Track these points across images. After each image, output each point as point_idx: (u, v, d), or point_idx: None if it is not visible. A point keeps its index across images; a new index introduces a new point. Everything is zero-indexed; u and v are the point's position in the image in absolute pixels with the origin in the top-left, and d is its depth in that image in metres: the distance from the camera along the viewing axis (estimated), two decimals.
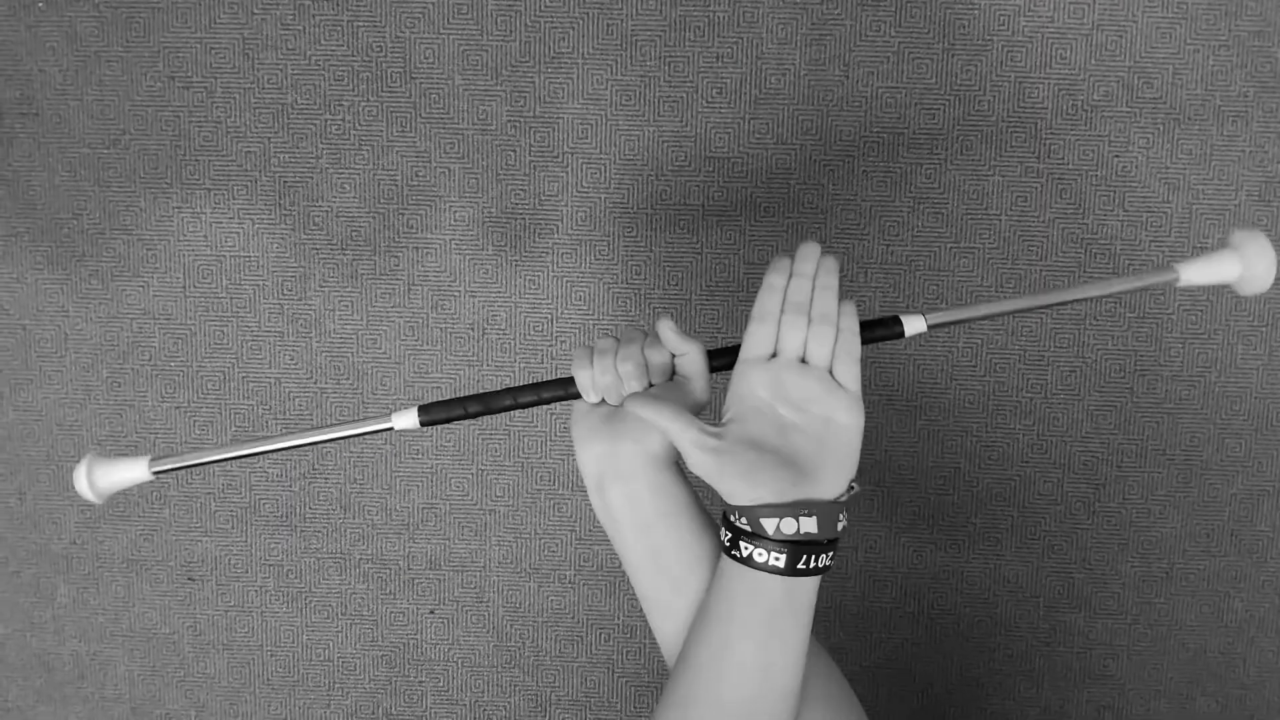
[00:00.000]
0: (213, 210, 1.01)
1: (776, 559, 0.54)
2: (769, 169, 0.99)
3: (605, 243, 1.01)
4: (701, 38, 0.97)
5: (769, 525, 0.55)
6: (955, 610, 1.06)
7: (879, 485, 1.05)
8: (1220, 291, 1.00)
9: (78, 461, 0.68)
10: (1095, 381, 1.02)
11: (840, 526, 0.57)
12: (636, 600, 1.08)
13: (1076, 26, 0.96)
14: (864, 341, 0.61)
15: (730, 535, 0.57)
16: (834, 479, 0.57)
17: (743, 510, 0.56)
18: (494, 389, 0.66)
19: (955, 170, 0.99)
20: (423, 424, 0.63)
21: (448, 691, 1.10)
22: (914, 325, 0.62)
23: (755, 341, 0.59)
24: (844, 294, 0.63)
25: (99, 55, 0.99)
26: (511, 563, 1.07)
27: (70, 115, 1.00)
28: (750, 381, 0.59)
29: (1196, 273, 0.64)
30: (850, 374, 0.58)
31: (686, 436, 0.57)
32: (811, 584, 0.56)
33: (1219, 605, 1.06)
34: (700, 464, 0.57)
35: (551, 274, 1.02)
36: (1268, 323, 1.01)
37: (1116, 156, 0.98)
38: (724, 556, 0.58)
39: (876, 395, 1.03)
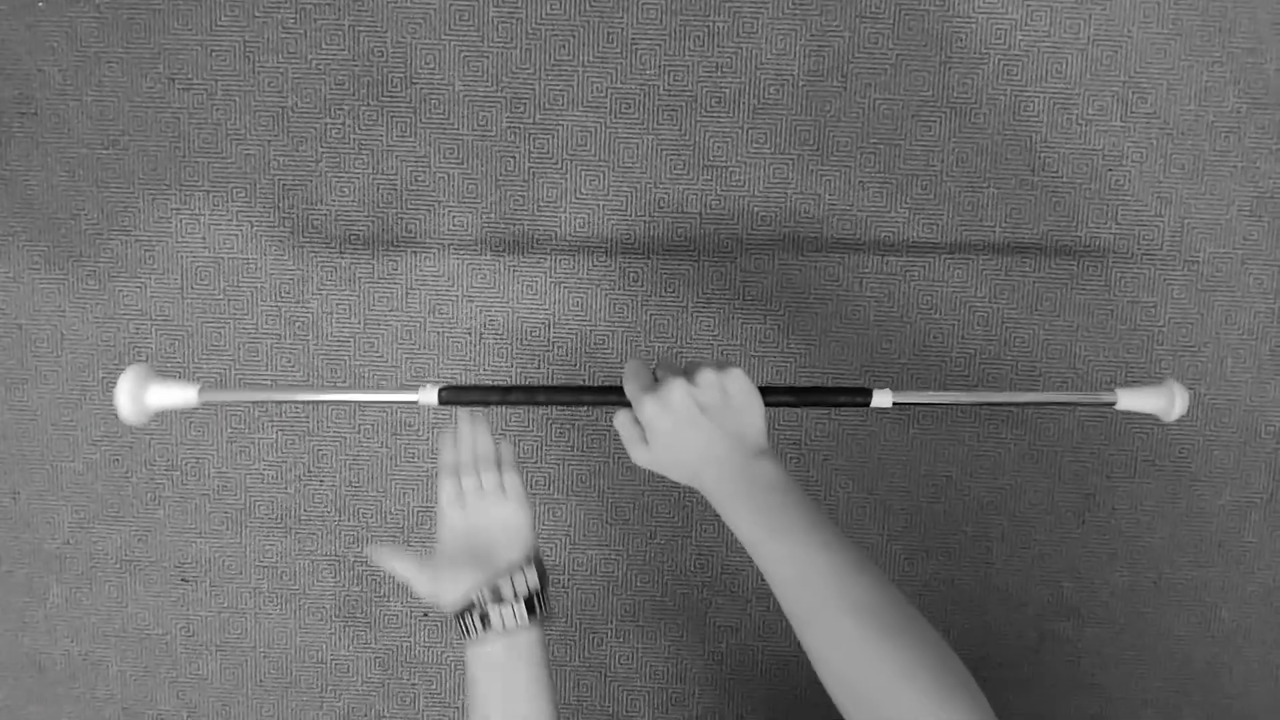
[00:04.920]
0: (211, 212, 1.02)
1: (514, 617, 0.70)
2: (766, 178, 1.00)
3: (603, 249, 1.02)
4: (701, 47, 0.98)
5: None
6: (946, 618, 1.07)
7: (871, 493, 1.05)
8: (1211, 307, 1.01)
9: (123, 371, 0.65)
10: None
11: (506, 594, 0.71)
12: (629, 604, 1.08)
13: (1072, 41, 0.97)
14: (830, 406, 0.74)
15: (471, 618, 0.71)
16: (513, 553, 0.74)
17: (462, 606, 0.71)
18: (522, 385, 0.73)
19: (950, 182, 1.00)
20: (442, 403, 0.70)
21: (440, 694, 1.10)
22: (881, 399, 0.70)
23: (445, 492, 0.75)
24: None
25: (99, 56, 0.99)
26: None
27: (69, 115, 1.00)
28: (449, 521, 0.75)
29: (1131, 400, 0.72)
30: (513, 483, 0.76)
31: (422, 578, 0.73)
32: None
33: (1206, 615, 1.07)
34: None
35: (549, 279, 1.02)
36: (1256, 335, 1.02)
37: (1110, 170, 0.99)
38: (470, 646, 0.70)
39: None
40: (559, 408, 1.04)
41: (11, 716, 1.12)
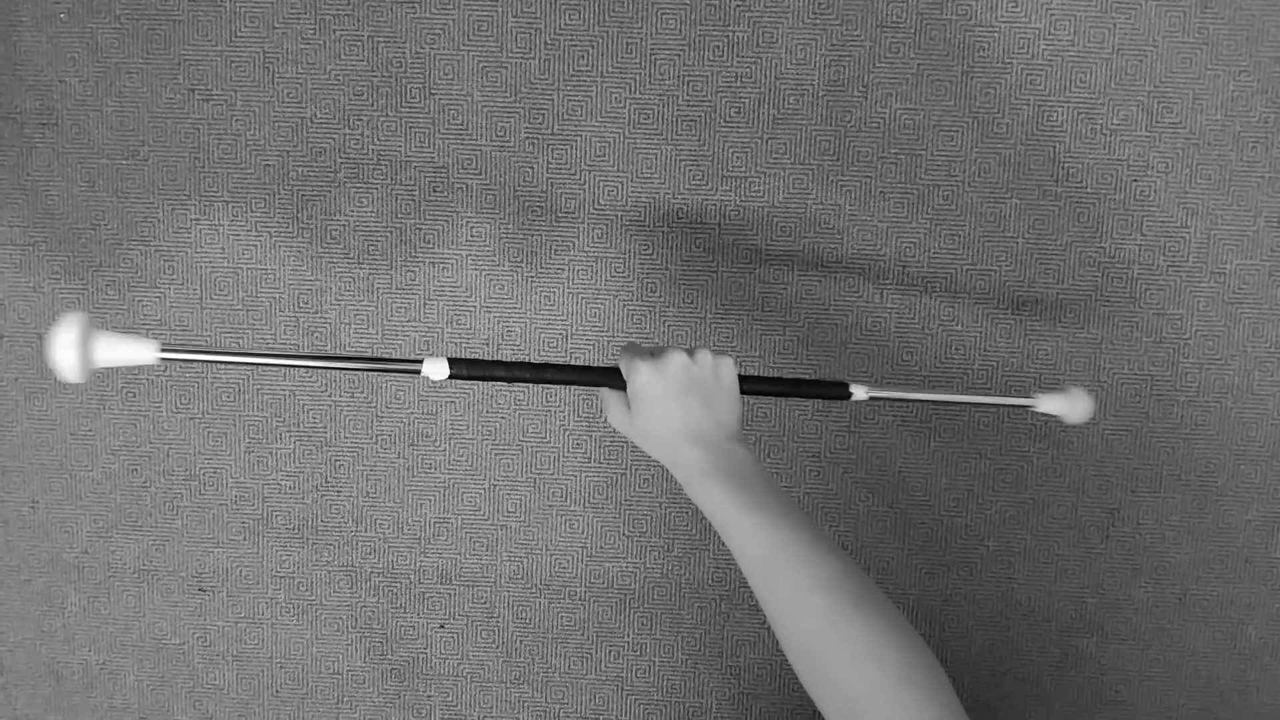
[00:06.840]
0: (230, 222, 1.02)
1: None
2: (786, 189, 0.99)
3: (621, 260, 1.01)
4: (720, 57, 0.97)
5: None
6: (967, 634, 1.06)
7: (892, 506, 1.04)
8: (1237, 318, 1.00)
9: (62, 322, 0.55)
10: (1111, 405, 1.02)
11: None
12: (646, 617, 1.08)
13: (1097, 50, 0.96)
14: (810, 398, 0.78)
15: None
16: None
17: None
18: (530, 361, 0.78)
19: (972, 192, 0.99)
20: (451, 376, 0.68)
21: (456, 706, 1.10)
22: (858, 393, 0.75)
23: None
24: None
25: (119, 67, 1.00)
26: (522, 578, 1.07)
27: (90, 126, 1.01)
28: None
29: (1048, 405, 0.83)
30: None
31: None
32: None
33: (1232, 632, 1.05)
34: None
35: (567, 291, 1.02)
36: None
37: (1135, 181, 0.98)
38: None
39: (890, 416, 1.03)
40: (576, 416, 1.04)
41: None
